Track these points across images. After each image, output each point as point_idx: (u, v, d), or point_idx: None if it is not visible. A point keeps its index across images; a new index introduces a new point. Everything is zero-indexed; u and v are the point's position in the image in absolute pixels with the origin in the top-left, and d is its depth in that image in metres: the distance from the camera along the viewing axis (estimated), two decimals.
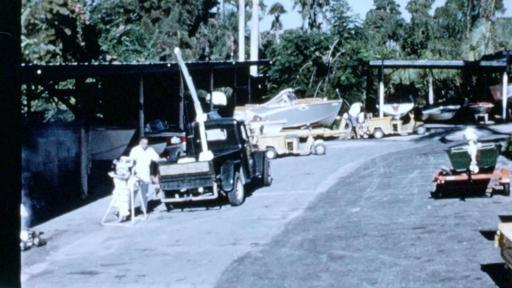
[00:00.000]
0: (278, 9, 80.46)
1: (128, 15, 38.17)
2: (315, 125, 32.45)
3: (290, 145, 27.32)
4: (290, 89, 36.11)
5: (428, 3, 76.67)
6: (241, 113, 32.45)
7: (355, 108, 32.91)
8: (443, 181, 15.51)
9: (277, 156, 26.65)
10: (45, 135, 21.05)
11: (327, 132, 32.93)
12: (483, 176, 15.38)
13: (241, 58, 50.27)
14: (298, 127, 31.14)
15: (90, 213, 17.38)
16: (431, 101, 46.83)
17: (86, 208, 18.31)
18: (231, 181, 16.89)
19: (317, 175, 21.50)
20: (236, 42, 59.00)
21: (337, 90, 36.68)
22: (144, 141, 17.42)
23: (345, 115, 33.69)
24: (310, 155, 27.06)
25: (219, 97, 43.10)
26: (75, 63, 26.92)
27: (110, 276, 11.38)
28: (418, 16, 68.63)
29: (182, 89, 26.87)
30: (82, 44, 30.64)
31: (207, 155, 17.34)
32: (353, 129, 33.03)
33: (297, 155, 27.08)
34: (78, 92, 24.90)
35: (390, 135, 32.94)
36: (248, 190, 18.52)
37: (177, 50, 17.89)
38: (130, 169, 15.98)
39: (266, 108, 34.17)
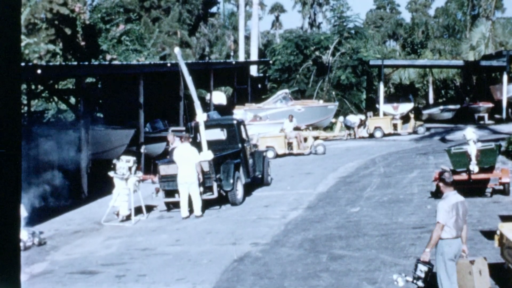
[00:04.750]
0: (278, 8, 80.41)
1: (128, 14, 38.14)
2: (311, 127, 32.46)
3: (290, 145, 27.35)
4: (287, 90, 36.07)
5: (428, 2, 76.63)
6: (239, 113, 32.46)
7: (355, 118, 33.25)
8: None
9: (277, 156, 26.66)
10: (45, 134, 21.03)
11: (322, 134, 32.94)
12: (483, 175, 15.39)
13: (241, 57, 50.24)
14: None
15: (90, 213, 17.39)
16: (431, 100, 46.82)
17: (86, 208, 18.32)
18: (231, 181, 16.89)
19: (317, 174, 21.49)
20: (236, 41, 58.97)
21: (333, 92, 36.68)
22: None
23: (341, 119, 33.77)
24: (310, 155, 27.07)
25: (219, 97, 43.09)
26: (75, 63, 26.89)
27: (110, 275, 11.38)
28: (418, 15, 68.54)
29: (182, 88, 26.86)
30: (82, 43, 30.62)
31: (207, 154, 17.32)
32: (352, 129, 33.16)
33: (297, 154, 27.08)
34: (78, 92, 24.88)
35: (390, 134, 32.98)
36: (248, 189, 18.52)
37: (177, 50, 17.87)
38: (130, 168, 16.00)
39: (262, 108, 34.16)
